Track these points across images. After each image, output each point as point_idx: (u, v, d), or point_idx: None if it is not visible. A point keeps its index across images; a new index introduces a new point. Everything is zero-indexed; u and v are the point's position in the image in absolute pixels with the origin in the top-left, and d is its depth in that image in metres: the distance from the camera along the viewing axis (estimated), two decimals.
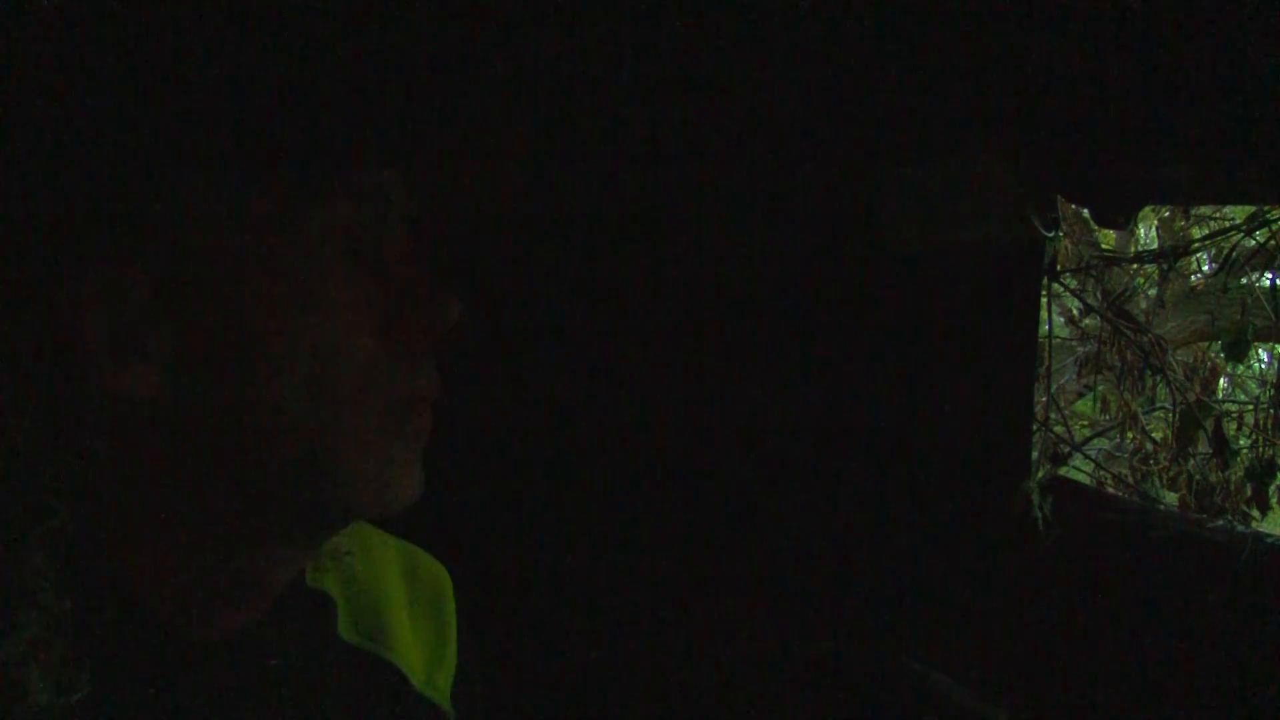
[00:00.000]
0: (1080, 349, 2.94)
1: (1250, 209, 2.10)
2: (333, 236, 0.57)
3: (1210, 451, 2.24)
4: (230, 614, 0.61)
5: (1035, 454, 1.87)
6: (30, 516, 0.54)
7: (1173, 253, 2.32)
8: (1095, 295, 2.52)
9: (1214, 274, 3.39)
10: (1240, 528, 1.53)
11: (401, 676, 0.71)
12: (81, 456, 0.56)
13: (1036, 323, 1.54)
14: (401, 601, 0.75)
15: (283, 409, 0.56)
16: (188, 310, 0.55)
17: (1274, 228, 2.13)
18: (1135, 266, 2.83)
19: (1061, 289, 2.46)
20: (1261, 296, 2.81)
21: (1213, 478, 2.28)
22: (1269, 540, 1.38)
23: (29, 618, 0.52)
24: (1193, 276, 3.73)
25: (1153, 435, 2.73)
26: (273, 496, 0.58)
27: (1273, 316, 2.43)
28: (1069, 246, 2.34)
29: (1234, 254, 2.67)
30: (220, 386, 0.56)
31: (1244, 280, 3.16)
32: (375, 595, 0.73)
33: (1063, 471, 2.16)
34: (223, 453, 0.57)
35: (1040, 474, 1.52)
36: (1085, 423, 3.38)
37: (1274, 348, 3.43)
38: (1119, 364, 2.47)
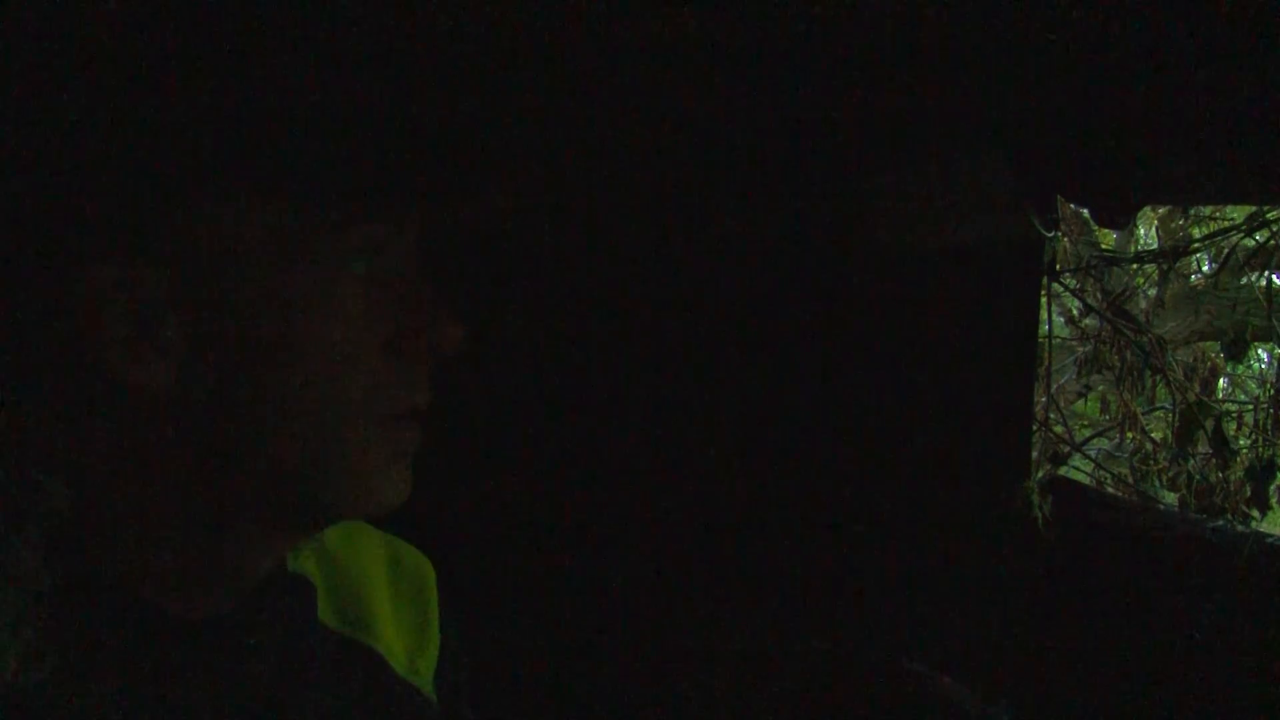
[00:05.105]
0: (1080, 349, 2.94)
1: (1250, 209, 2.10)
2: (353, 253, 0.59)
3: (1210, 451, 2.24)
4: (209, 596, 0.61)
5: (1035, 454, 1.87)
6: (29, 497, 0.55)
7: (1173, 253, 2.32)
8: (1095, 295, 2.51)
9: (1213, 274, 3.39)
10: (1240, 528, 1.53)
11: (382, 661, 0.73)
12: (83, 441, 0.57)
13: (1036, 323, 1.54)
14: (384, 588, 0.76)
15: (288, 414, 0.58)
16: (206, 309, 0.56)
17: (1274, 228, 2.13)
18: (1135, 266, 2.83)
19: (1061, 289, 2.46)
20: (1260, 296, 2.81)
21: (1213, 478, 2.28)
22: (1269, 540, 1.38)
23: (13, 596, 0.53)
24: (1192, 276, 3.73)
25: (1153, 435, 2.73)
26: (266, 494, 0.60)
27: (1269, 317, 2.43)
28: (1069, 246, 2.34)
29: (1234, 254, 2.67)
30: (230, 386, 0.57)
31: (1244, 280, 3.16)
32: (357, 581, 0.74)
33: (1063, 471, 2.16)
34: (224, 449, 0.58)
35: (1040, 474, 1.52)
36: (1085, 423, 3.38)
37: (1274, 348, 3.42)
38: (1119, 364, 2.47)
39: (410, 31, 0.65)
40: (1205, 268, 3.73)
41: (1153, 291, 3.24)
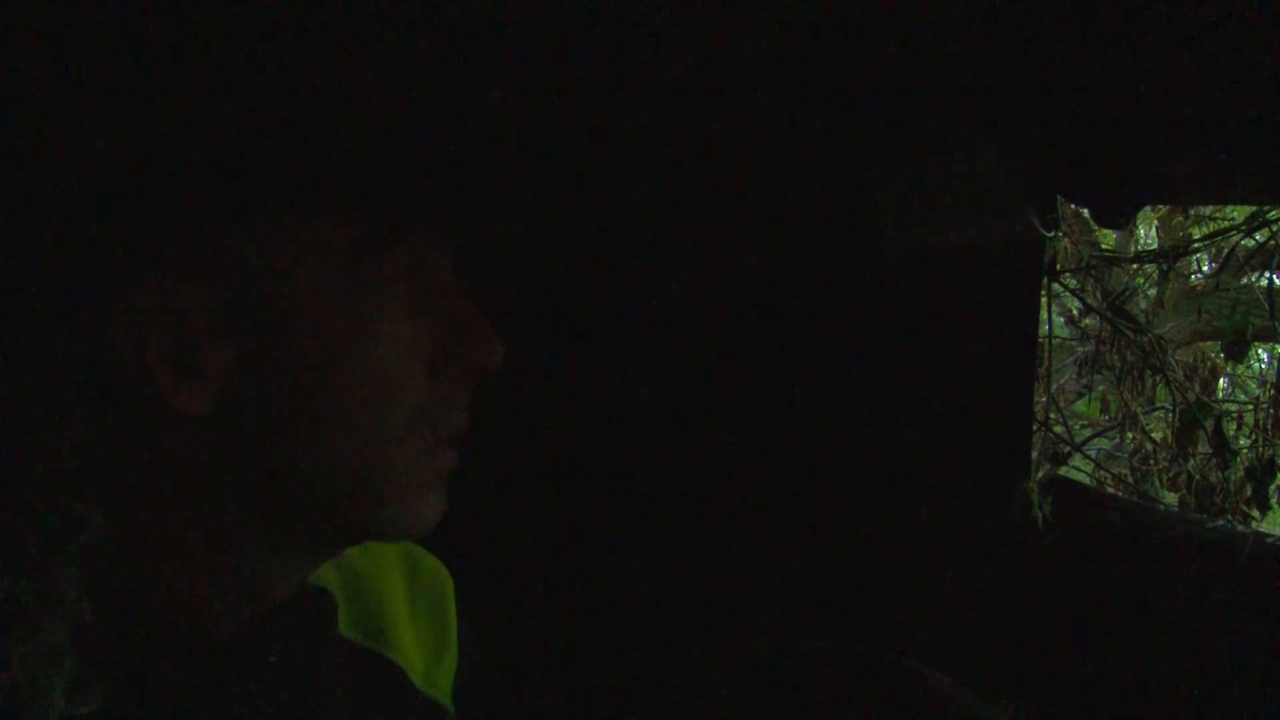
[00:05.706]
0: (1080, 349, 2.94)
1: (1250, 209, 2.10)
2: (396, 274, 0.58)
3: (1210, 451, 2.24)
4: (233, 614, 0.61)
5: (1035, 454, 1.87)
6: (65, 527, 0.54)
7: (1173, 253, 2.32)
8: (1095, 295, 2.51)
9: (1213, 274, 3.39)
10: (1240, 528, 1.53)
11: (402, 674, 0.72)
12: (122, 466, 0.56)
13: (1036, 323, 1.54)
14: (402, 599, 0.75)
15: (331, 439, 0.57)
16: (251, 334, 0.55)
17: (1274, 228, 2.13)
18: (1135, 266, 2.83)
19: (1061, 289, 2.45)
20: (1260, 296, 2.81)
21: (1213, 478, 2.27)
22: (1269, 540, 1.38)
23: (56, 628, 0.52)
24: (1193, 276, 3.73)
25: (1153, 435, 2.73)
26: (306, 516, 0.59)
27: (1271, 317, 2.43)
28: (1069, 246, 2.34)
29: (1234, 254, 2.67)
30: (273, 409, 0.56)
31: (1244, 280, 3.16)
32: (376, 593, 0.73)
33: (1063, 471, 2.16)
34: (265, 472, 0.57)
35: (1040, 474, 1.52)
36: (1085, 423, 3.38)
37: (1274, 348, 3.42)
38: (1119, 364, 2.46)
39: (451, 53, 0.65)
40: (1205, 268, 3.73)
41: (1153, 291, 3.24)
